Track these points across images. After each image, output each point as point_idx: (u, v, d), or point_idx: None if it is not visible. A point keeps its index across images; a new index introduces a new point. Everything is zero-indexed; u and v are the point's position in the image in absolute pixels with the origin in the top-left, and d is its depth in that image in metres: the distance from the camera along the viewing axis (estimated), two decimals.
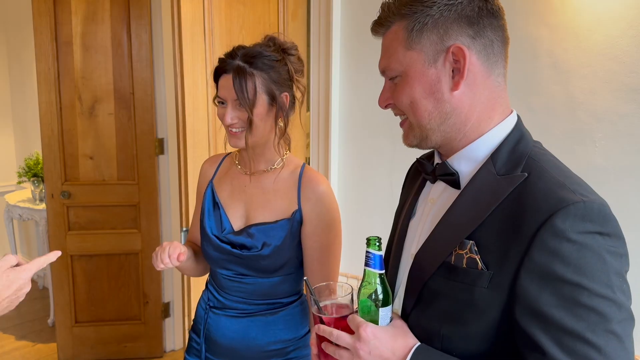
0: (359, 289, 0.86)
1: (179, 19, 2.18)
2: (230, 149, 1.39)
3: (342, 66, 2.21)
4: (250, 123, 1.28)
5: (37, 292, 4.04)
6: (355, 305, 0.90)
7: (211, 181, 1.44)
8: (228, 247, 1.34)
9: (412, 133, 0.86)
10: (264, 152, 1.37)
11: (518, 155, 0.81)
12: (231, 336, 1.39)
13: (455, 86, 0.81)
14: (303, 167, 1.38)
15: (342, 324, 0.88)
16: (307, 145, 2.51)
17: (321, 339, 0.89)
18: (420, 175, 0.98)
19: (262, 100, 1.29)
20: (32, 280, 4.43)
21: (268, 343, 1.39)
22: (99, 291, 3.01)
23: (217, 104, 1.34)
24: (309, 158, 2.43)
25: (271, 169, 1.38)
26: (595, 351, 0.68)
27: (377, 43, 0.91)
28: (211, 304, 1.43)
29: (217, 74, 1.32)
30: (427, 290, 0.83)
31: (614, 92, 1.59)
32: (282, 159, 1.39)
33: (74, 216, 2.92)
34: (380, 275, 0.84)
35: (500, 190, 0.78)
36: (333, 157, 2.27)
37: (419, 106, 0.83)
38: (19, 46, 3.99)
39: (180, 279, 2.80)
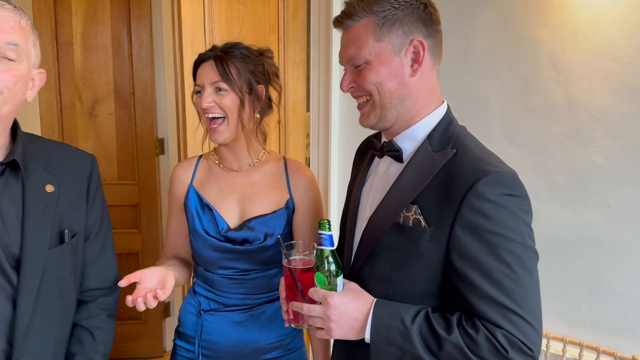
0: (316, 266, 1.02)
1: (179, 19, 2.19)
2: (206, 148, 1.43)
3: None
4: (242, 104, 1.32)
5: None
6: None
7: (191, 185, 1.42)
8: (229, 245, 1.34)
9: (374, 112, 1.04)
10: (244, 145, 1.38)
11: (448, 136, 1.02)
12: (234, 336, 1.39)
13: (413, 73, 1.01)
14: (285, 158, 1.44)
15: (306, 275, 1.05)
16: (307, 145, 2.51)
17: (290, 289, 1.07)
18: (368, 153, 1.19)
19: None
20: None
21: (269, 337, 1.40)
22: None
23: (194, 96, 1.36)
24: (309, 158, 2.43)
25: (256, 162, 1.40)
26: (513, 281, 0.90)
27: None
28: (205, 308, 1.41)
29: (196, 65, 1.36)
30: (381, 246, 1.02)
31: (613, 92, 1.60)
32: (265, 151, 1.42)
33: None
34: (332, 251, 1.02)
35: (435, 163, 0.98)
36: (333, 157, 2.27)
37: (384, 86, 1.00)
38: None
39: None
